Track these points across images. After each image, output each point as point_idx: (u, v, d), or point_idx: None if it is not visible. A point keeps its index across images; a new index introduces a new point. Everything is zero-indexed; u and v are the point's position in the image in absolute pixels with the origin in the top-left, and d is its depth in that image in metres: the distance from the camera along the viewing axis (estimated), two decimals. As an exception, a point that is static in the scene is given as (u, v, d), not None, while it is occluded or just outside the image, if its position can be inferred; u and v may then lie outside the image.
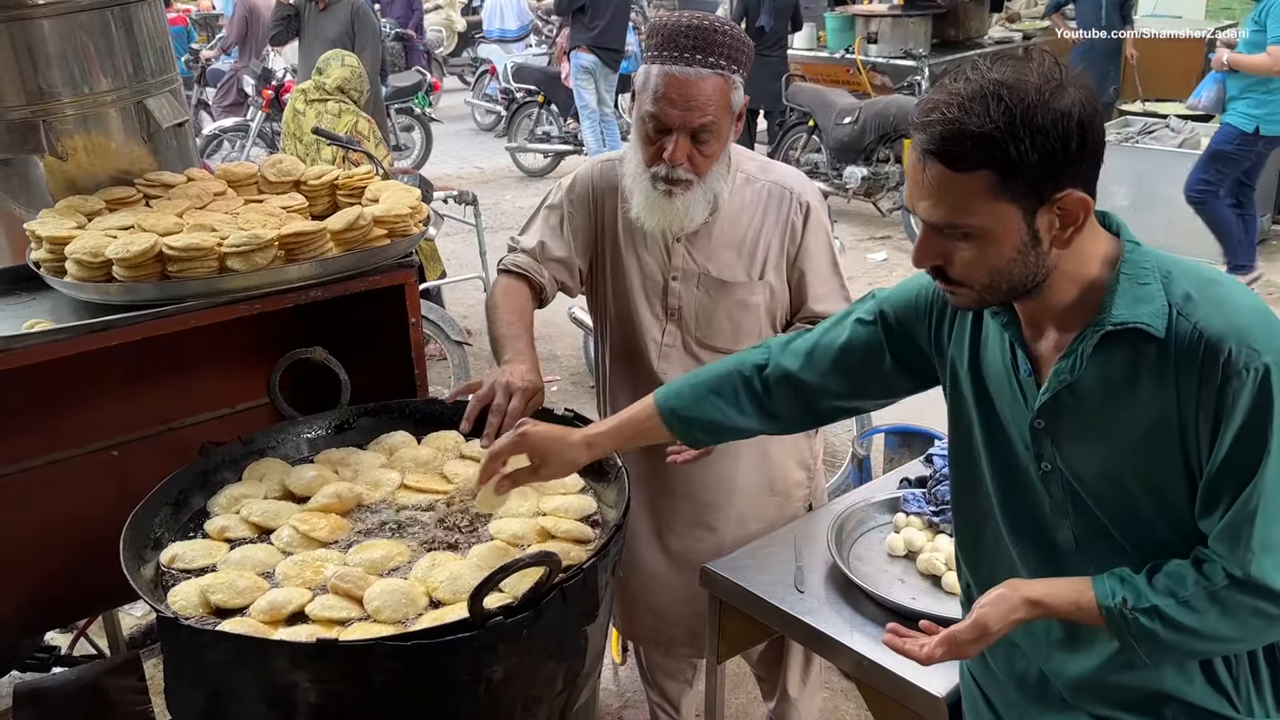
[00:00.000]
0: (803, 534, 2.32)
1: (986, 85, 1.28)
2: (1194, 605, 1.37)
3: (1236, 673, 1.47)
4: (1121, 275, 1.38)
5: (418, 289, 2.46)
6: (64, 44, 2.37)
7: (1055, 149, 1.28)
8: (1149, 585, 1.40)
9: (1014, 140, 1.27)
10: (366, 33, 6.49)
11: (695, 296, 2.30)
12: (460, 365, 4.85)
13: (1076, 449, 1.45)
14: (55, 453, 2.35)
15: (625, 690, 3.27)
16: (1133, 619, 1.39)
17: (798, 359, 1.76)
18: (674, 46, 2.06)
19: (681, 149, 2.09)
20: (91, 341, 2.07)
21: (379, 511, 2.07)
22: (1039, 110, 1.26)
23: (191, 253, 2.12)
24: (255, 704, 1.65)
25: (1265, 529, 1.33)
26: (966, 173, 1.30)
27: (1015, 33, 9.82)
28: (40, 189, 2.45)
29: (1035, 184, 1.30)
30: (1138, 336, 1.36)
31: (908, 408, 5.16)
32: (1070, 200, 1.32)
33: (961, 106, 1.29)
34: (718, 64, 2.07)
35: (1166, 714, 1.49)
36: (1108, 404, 1.41)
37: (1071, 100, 1.28)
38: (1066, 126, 1.27)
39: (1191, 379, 1.33)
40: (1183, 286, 1.36)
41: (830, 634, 2.00)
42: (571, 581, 1.70)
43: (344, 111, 5.07)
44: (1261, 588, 1.34)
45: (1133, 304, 1.36)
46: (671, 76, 2.05)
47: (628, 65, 9.49)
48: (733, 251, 2.28)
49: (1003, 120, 1.26)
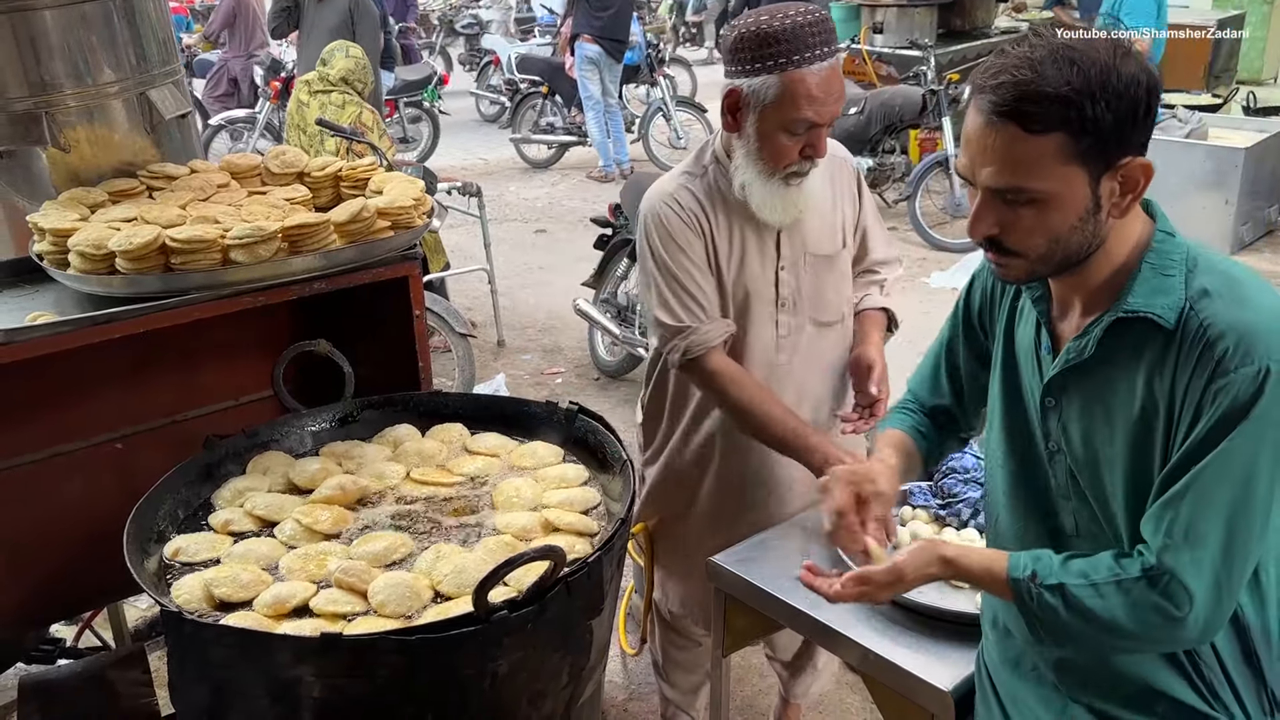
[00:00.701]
0: (809, 526, 2.31)
1: (1057, 48, 1.28)
2: (1100, 590, 1.36)
3: (1209, 674, 1.45)
4: (1145, 263, 1.38)
5: (421, 281, 2.45)
6: (66, 35, 2.36)
7: (1126, 113, 1.27)
8: (1063, 565, 1.41)
9: (1091, 102, 1.26)
10: (366, 24, 6.47)
11: (807, 279, 2.33)
12: (465, 357, 4.85)
13: (1077, 430, 1.46)
14: (59, 445, 2.35)
15: (632, 682, 3.27)
16: (1036, 594, 1.40)
17: (922, 384, 1.88)
18: (806, 46, 2.05)
19: (823, 141, 2.16)
20: (94, 334, 2.06)
21: (383, 504, 2.06)
22: (1112, 73, 1.26)
23: (195, 245, 2.11)
24: (259, 698, 1.64)
25: (1191, 520, 1.31)
26: (1039, 135, 1.28)
27: (1021, 23, 9.80)
28: (43, 181, 2.44)
29: (1105, 148, 1.29)
30: (1148, 325, 1.36)
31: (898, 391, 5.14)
32: (1133, 166, 1.32)
33: (1034, 68, 1.27)
34: (836, 48, 2.13)
35: (1157, 709, 1.48)
36: (1110, 388, 1.41)
37: (1139, 66, 1.28)
38: (1136, 92, 1.27)
39: (1187, 372, 1.33)
40: (1203, 282, 1.35)
41: (835, 627, 1.99)
42: (576, 575, 1.69)
43: (348, 103, 5.05)
44: (1170, 580, 1.32)
45: (1150, 293, 1.36)
46: (820, 76, 2.06)
47: (632, 56, 9.46)
48: (822, 225, 2.33)
49: (1079, 82, 1.25)
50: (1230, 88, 8.72)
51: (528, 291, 6.69)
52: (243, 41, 9.66)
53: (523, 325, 6.16)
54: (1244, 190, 6.53)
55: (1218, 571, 1.32)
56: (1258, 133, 6.84)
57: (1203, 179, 6.50)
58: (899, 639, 1.93)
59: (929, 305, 6.18)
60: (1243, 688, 1.46)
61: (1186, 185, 6.27)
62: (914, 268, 6.78)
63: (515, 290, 6.63)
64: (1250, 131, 6.90)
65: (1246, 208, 6.65)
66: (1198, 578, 1.32)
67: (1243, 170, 6.46)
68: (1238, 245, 6.67)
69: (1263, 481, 1.31)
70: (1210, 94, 8.14)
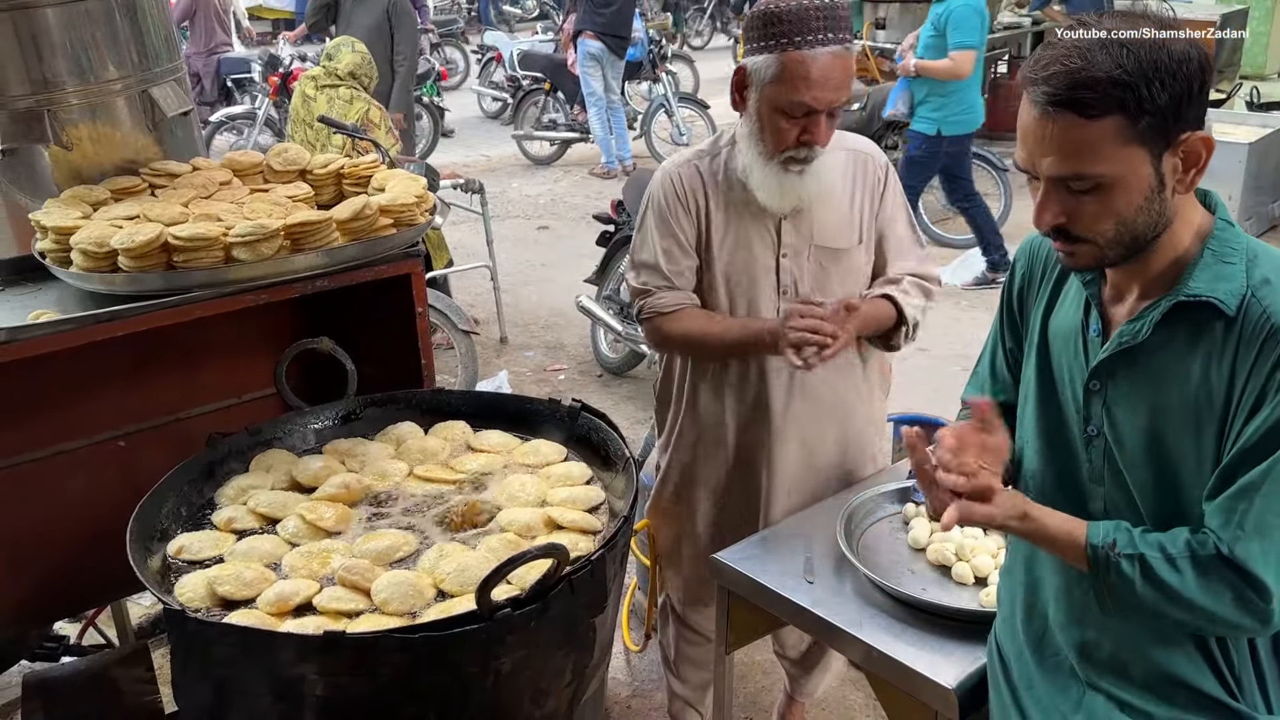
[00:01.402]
0: (812, 524, 2.31)
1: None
2: (1177, 565, 1.37)
3: (1239, 666, 1.46)
4: (1207, 250, 1.39)
5: (424, 278, 2.44)
6: (68, 33, 2.36)
7: (1181, 90, 1.29)
8: (1142, 537, 1.42)
9: (1145, 83, 1.27)
10: (405, 24, 6.42)
11: (809, 269, 2.31)
12: (468, 354, 4.84)
13: (1124, 414, 1.46)
14: (62, 443, 2.35)
15: (636, 679, 3.27)
16: (1115, 562, 1.41)
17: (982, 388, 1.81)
18: (807, 29, 2.05)
19: (829, 129, 2.13)
20: (97, 332, 2.06)
21: (386, 502, 2.06)
22: (1163, 53, 1.28)
23: (197, 242, 2.11)
24: (262, 696, 1.64)
25: (1262, 514, 1.33)
26: (1097, 119, 1.29)
27: (1025, 18, 9.74)
28: (45, 179, 2.44)
29: (1163, 126, 1.30)
30: (1209, 311, 1.37)
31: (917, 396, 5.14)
32: (1193, 141, 1.33)
33: (1084, 55, 1.29)
34: (844, 38, 2.10)
35: (1177, 700, 1.49)
36: (1163, 373, 1.41)
37: (1189, 43, 1.30)
38: (1190, 69, 1.29)
39: (1248, 360, 1.34)
40: (1264, 271, 1.37)
41: (839, 624, 1.99)
42: (579, 573, 1.69)
43: (355, 99, 5.04)
44: (1242, 569, 1.34)
45: (1212, 280, 1.37)
46: (817, 60, 2.06)
47: (634, 52, 9.44)
48: (834, 220, 2.31)
49: (1130, 64, 1.27)
50: (1234, 83, 8.70)
51: (530, 288, 6.69)
52: (203, 37, 9.67)
53: (525, 322, 6.16)
54: (1247, 185, 6.52)
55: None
56: (1261, 128, 6.83)
57: (1207, 174, 6.44)
58: (902, 636, 1.93)
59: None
60: (1271, 682, 1.47)
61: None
62: (916, 264, 6.78)
63: (518, 287, 6.62)
64: (1254, 127, 6.89)
65: (1250, 203, 6.64)
66: (1269, 569, 1.33)
67: (1246, 165, 6.45)
68: (1241, 241, 6.66)
69: None
70: (1214, 90, 8.12)
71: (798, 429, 2.39)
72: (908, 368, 5.27)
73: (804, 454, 2.42)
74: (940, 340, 5.57)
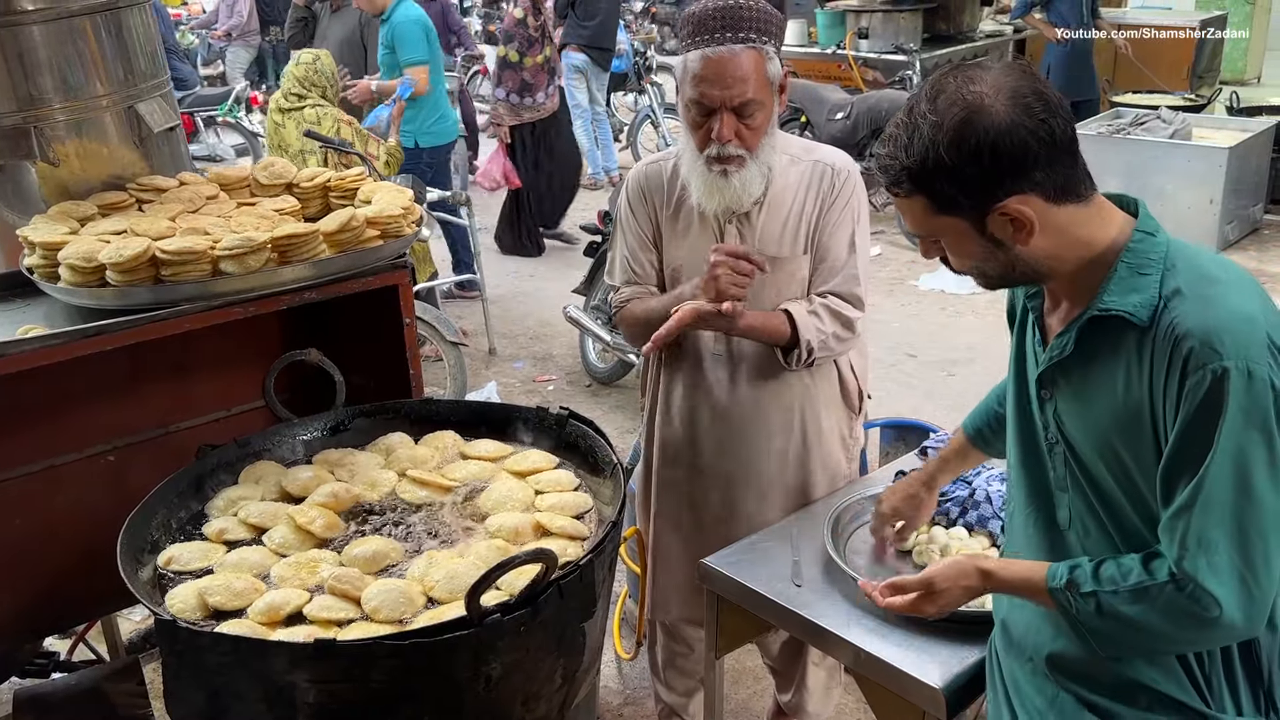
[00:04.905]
0: (800, 528, 2.32)
1: (914, 121, 1.41)
2: (1132, 598, 1.41)
3: (1209, 669, 1.48)
4: (1121, 262, 1.43)
5: (411, 289, 2.46)
6: (54, 50, 2.37)
7: (971, 176, 1.38)
8: (1094, 575, 1.45)
9: (927, 177, 1.40)
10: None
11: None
12: (457, 366, 4.85)
13: (1072, 423, 1.51)
14: (51, 457, 2.35)
15: (627, 687, 3.28)
16: (1075, 602, 1.45)
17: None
18: (705, 30, 2.12)
19: (728, 126, 2.15)
20: (86, 346, 2.07)
21: (375, 510, 2.07)
22: (943, 148, 1.37)
23: (185, 256, 2.12)
24: (254, 704, 1.65)
25: (1201, 527, 1.35)
26: (907, 198, 1.45)
27: (1006, 26, 9.81)
28: (33, 194, 2.45)
29: (970, 200, 1.40)
30: (1122, 324, 1.41)
31: (904, 402, 5.15)
32: (1009, 208, 1.39)
33: (891, 143, 1.44)
34: (748, 37, 2.12)
35: (1141, 702, 1.51)
36: (1097, 384, 1.45)
37: (990, 122, 1.35)
38: (981, 153, 1.36)
39: (1162, 370, 1.37)
40: (1177, 281, 1.39)
41: (828, 627, 2.01)
42: (568, 578, 1.70)
43: (323, 116, 4.96)
44: (1193, 585, 1.36)
45: (1124, 292, 1.41)
46: (707, 59, 2.11)
47: (619, 64, 9.46)
48: (779, 228, 2.32)
49: (916, 160, 1.40)
50: (1214, 88, 8.77)
51: (518, 299, 6.70)
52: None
53: (514, 333, 6.17)
54: (1228, 189, 6.56)
55: (1239, 570, 1.35)
56: (1241, 132, 6.87)
57: (1187, 179, 6.53)
58: (890, 637, 1.95)
59: (917, 308, 6.21)
60: (1241, 685, 1.49)
61: (1171, 185, 6.31)
62: (902, 270, 6.81)
63: (506, 298, 6.64)
64: (1234, 131, 6.94)
65: (1231, 207, 6.68)
66: (1219, 582, 1.35)
67: (1227, 170, 6.49)
68: (1223, 244, 6.70)
69: (1260, 475, 1.34)
70: (1194, 94, 8.19)
71: (733, 442, 2.41)
72: (894, 373, 5.30)
73: (740, 470, 2.45)
74: (927, 345, 5.60)
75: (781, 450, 2.44)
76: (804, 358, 2.27)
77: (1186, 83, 8.93)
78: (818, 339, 2.27)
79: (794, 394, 2.41)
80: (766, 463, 2.44)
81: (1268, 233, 7.31)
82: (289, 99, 5.00)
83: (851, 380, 2.49)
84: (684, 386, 2.45)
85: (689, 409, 2.44)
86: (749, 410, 2.40)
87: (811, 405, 2.42)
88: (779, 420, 2.41)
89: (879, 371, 5.34)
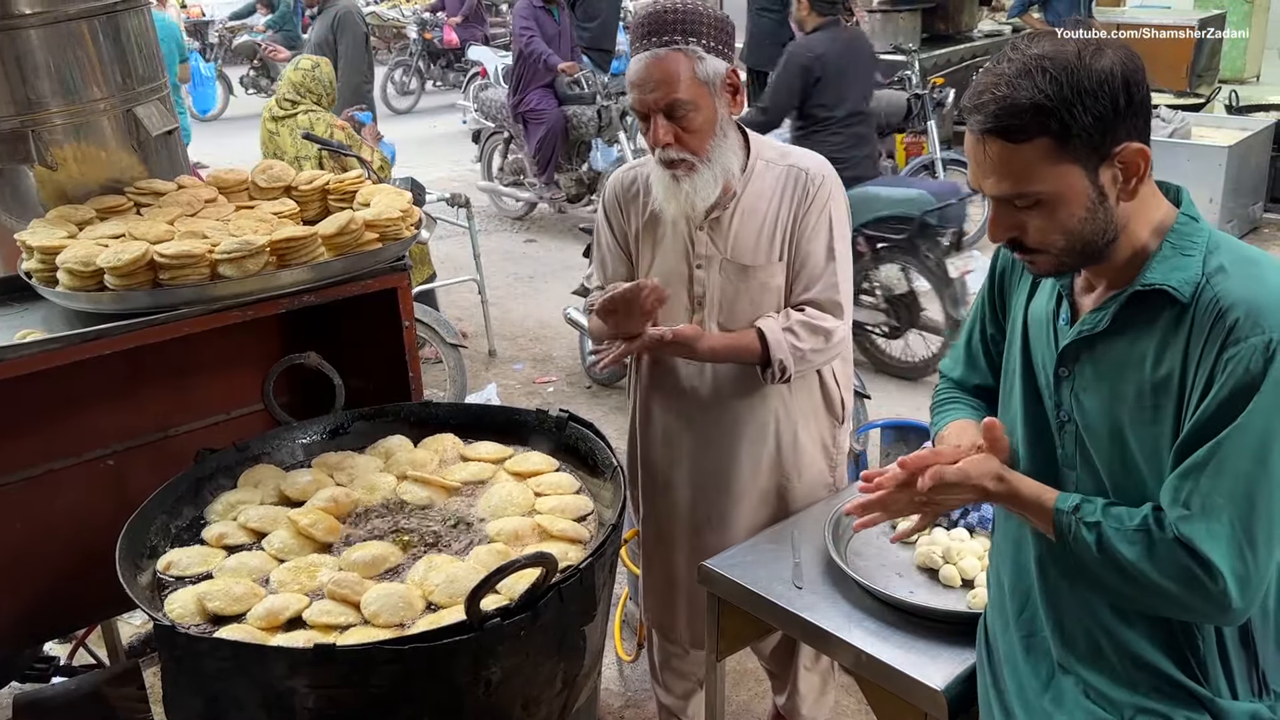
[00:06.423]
0: (800, 529, 2.32)
1: (1029, 60, 1.36)
2: (1132, 538, 1.41)
3: (1205, 651, 1.48)
4: (1166, 243, 1.44)
5: (410, 292, 2.46)
6: (52, 54, 2.36)
7: (1105, 107, 1.34)
8: (1105, 509, 1.46)
9: (1067, 106, 1.34)
10: (345, 37, 6.38)
11: (719, 282, 2.32)
12: (456, 368, 4.85)
13: (1090, 399, 1.51)
14: (50, 462, 2.35)
15: (629, 690, 3.27)
16: (1075, 528, 1.45)
17: (958, 365, 1.86)
18: (637, 36, 2.17)
19: (662, 129, 2.15)
20: (84, 350, 2.07)
21: (375, 514, 2.07)
22: (1083, 74, 1.34)
23: (183, 260, 2.12)
24: (254, 710, 1.65)
25: (1209, 490, 1.36)
26: (1025, 143, 1.37)
27: (1004, 26, 9.82)
28: (31, 199, 2.44)
29: (1093, 143, 1.36)
30: (1164, 299, 1.42)
31: (904, 402, 5.15)
32: (1128, 152, 1.38)
33: (1009, 84, 1.36)
34: (672, 40, 2.12)
35: (1142, 686, 1.51)
36: (1124, 359, 1.46)
37: (1112, 60, 1.35)
38: (1113, 85, 1.34)
39: (1200, 342, 1.38)
40: (1220, 260, 1.41)
41: (829, 629, 2.00)
42: (568, 582, 1.70)
43: (316, 123, 4.93)
44: (1189, 549, 1.36)
45: (1169, 269, 1.42)
46: (634, 64, 2.16)
47: (618, 65, 9.46)
48: (753, 235, 2.29)
49: (1051, 89, 1.34)
50: (1213, 87, 8.76)
51: (518, 301, 6.69)
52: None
53: (514, 335, 6.16)
54: (1228, 188, 6.57)
55: (1238, 542, 1.35)
56: (1240, 131, 6.88)
57: (1187, 177, 6.45)
58: (890, 639, 1.94)
59: (918, 308, 6.20)
60: (1236, 668, 1.49)
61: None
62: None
63: (506, 300, 6.63)
64: (1233, 130, 6.94)
65: (1231, 205, 6.69)
66: (1216, 549, 1.35)
67: (1226, 168, 6.50)
68: (1223, 243, 6.71)
69: (1278, 453, 1.34)
70: (1193, 93, 8.18)
71: (708, 451, 2.42)
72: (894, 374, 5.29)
73: (713, 480, 2.45)
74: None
75: (754, 459, 2.42)
76: (778, 376, 2.25)
77: (1185, 82, 8.92)
78: (793, 356, 2.24)
79: (770, 405, 2.39)
80: (739, 471, 2.43)
81: (1267, 231, 7.32)
82: (282, 105, 4.96)
83: (834, 388, 2.46)
84: (662, 393, 2.46)
85: (665, 416, 2.46)
86: (724, 419, 2.40)
87: (789, 415, 2.41)
88: (753, 431, 2.40)
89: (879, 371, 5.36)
